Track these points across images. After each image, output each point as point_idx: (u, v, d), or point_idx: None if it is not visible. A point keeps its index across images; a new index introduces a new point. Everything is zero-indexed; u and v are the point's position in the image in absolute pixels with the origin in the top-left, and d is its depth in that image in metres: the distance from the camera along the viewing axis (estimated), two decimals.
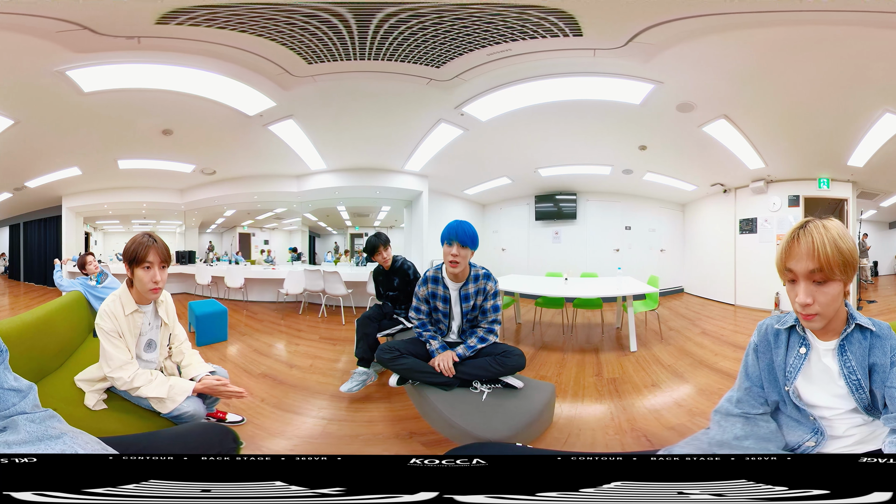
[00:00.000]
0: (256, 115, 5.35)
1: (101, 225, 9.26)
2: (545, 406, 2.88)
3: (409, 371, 2.98)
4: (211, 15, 3.51)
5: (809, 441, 1.41)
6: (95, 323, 2.17)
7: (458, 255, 2.81)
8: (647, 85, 4.70)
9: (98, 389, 2.26)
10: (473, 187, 8.60)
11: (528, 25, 3.73)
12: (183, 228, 9.33)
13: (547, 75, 4.61)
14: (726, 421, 1.52)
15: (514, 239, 9.20)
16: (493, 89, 4.89)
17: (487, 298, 3.01)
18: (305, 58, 4.24)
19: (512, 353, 2.93)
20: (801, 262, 1.24)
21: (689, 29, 3.66)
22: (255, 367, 4.39)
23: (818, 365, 1.39)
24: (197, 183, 8.21)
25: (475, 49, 4.11)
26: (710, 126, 5.56)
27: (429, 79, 4.61)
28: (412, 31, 3.81)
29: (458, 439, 2.58)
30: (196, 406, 2.16)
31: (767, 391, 1.50)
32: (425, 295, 3.11)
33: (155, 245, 2.09)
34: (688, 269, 9.11)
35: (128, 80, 4.51)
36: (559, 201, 8.75)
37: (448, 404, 2.76)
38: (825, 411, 1.40)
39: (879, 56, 3.95)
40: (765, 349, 1.50)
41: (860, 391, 1.32)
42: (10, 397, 1.37)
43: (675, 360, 4.57)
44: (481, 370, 2.90)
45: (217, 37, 3.83)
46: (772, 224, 7.34)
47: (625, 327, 5.42)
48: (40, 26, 3.47)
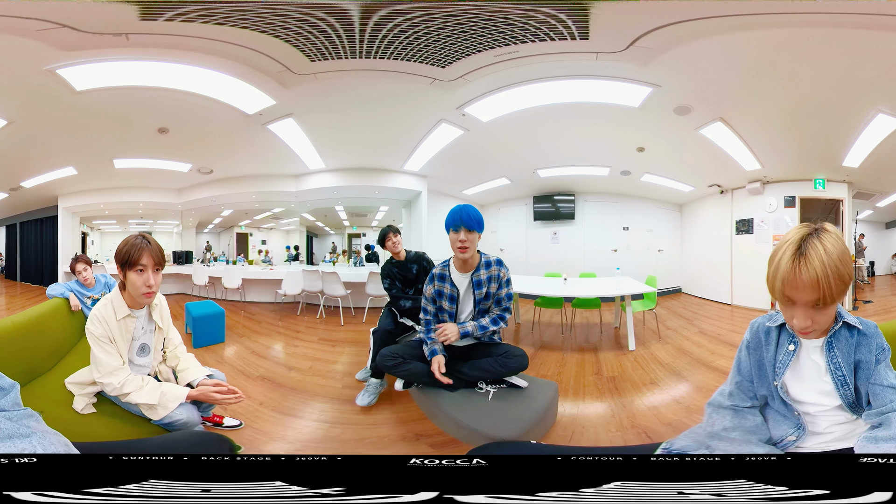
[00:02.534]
0: (256, 113, 5.32)
1: (98, 225, 9.22)
2: (550, 404, 2.93)
3: (414, 375, 2.97)
4: (206, 11, 3.47)
5: (791, 436, 1.46)
6: (86, 328, 2.10)
7: (466, 241, 2.74)
8: (645, 88, 4.73)
9: (88, 393, 2.23)
10: (472, 188, 8.59)
11: (536, 27, 3.74)
12: (180, 228, 9.30)
13: (549, 77, 4.64)
14: (717, 413, 1.61)
15: (513, 239, 9.19)
16: (495, 90, 4.90)
17: (501, 286, 2.96)
18: (309, 55, 4.20)
19: (514, 353, 2.92)
20: (803, 292, 1.20)
21: (686, 32, 3.68)
22: (253, 369, 4.35)
23: (806, 361, 1.44)
24: (194, 182, 8.16)
25: (483, 50, 4.11)
26: (707, 128, 5.59)
27: (433, 78, 4.60)
28: (421, 30, 3.80)
29: (470, 440, 2.59)
30: (189, 413, 2.08)
31: (757, 386, 1.56)
32: (432, 294, 3.01)
33: (148, 247, 2.02)
34: (685, 269, 9.12)
35: (121, 78, 4.45)
36: (557, 202, 8.75)
37: (456, 405, 2.78)
38: (810, 407, 1.44)
39: (871, 56, 3.98)
40: (756, 346, 1.56)
41: (845, 387, 1.36)
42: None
43: (672, 358, 4.62)
44: (484, 371, 2.89)
45: (216, 33, 3.80)
46: (768, 225, 7.35)
47: (623, 327, 5.45)
48: (19, 25, 3.43)
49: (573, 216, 8.76)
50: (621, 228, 8.80)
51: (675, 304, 8.15)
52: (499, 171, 7.96)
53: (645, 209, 8.81)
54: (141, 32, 3.72)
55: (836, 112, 5.03)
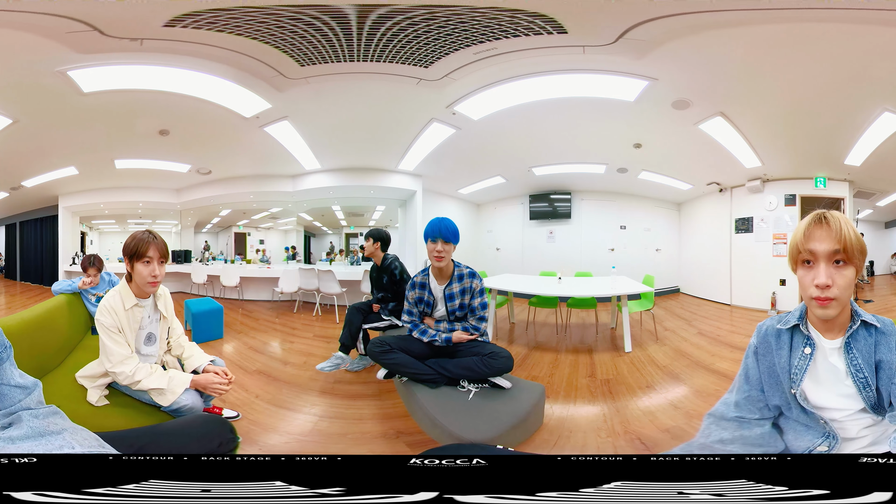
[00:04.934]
0: (252, 116, 5.38)
1: (98, 225, 9.24)
2: (534, 407, 2.87)
3: (398, 366, 3.06)
4: (213, 18, 3.51)
5: (821, 445, 1.37)
6: (95, 318, 2.22)
7: (442, 251, 2.95)
8: (640, 81, 4.63)
9: (99, 385, 2.33)
10: (468, 187, 8.61)
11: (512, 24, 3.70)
12: (179, 228, 9.33)
13: (537, 73, 4.58)
14: (717, 424, 1.49)
15: (509, 238, 9.21)
16: (483, 88, 4.87)
17: (474, 296, 3.10)
18: (297, 60, 4.25)
19: (499, 354, 2.96)
20: (824, 242, 1.23)
21: (685, 25, 3.62)
22: (250, 363, 4.43)
23: (824, 364, 1.35)
24: (193, 183, 8.21)
25: (461, 48, 4.10)
26: (707, 124, 5.50)
27: (418, 79, 4.61)
28: (398, 31, 3.81)
29: (441, 439, 2.57)
30: (194, 399, 2.23)
31: (768, 395, 1.45)
32: (415, 299, 3.21)
33: (154, 241, 2.20)
34: (683, 268, 9.13)
35: (127, 81, 4.53)
36: (554, 201, 8.76)
37: (434, 402, 2.78)
38: (834, 413, 1.35)
39: (881, 54, 3.90)
40: (765, 351, 1.44)
41: (867, 389, 1.29)
42: (16, 394, 1.40)
43: (670, 361, 4.53)
44: (468, 370, 2.94)
45: (216, 40, 3.85)
46: (768, 223, 7.34)
47: (619, 327, 5.41)
48: (51, 26, 3.47)
49: (569, 215, 8.77)
50: (618, 227, 8.82)
51: (672, 304, 8.13)
52: (493, 170, 7.96)
53: (642, 207, 8.83)
54: (154, 38, 3.78)
55: (840, 109, 4.96)
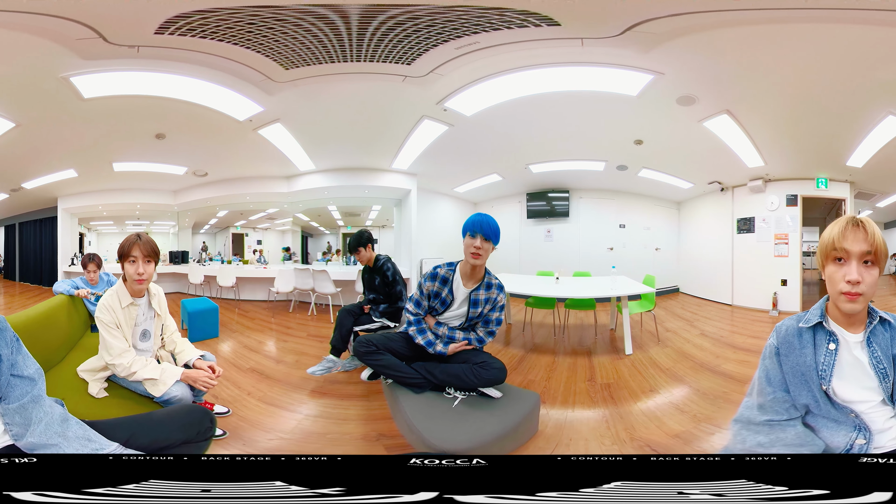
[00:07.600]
0: (246, 120, 5.40)
1: (96, 226, 9.27)
2: (524, 418, 2.71)
3: (383, 368, 2.92)
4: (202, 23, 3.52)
5: (859, 439, 1.39)
6: (95, 316, 2.41)
7: (480, 248, 2.71)
8: (645, 76, 4.43)
9: (99, 378, 2.52)
10: (463, 185, 8.55)
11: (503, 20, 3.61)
12: (176, 229, 9.35)
13: (530, 66, 4.41)
14: (747, 429, 1.49)
15: (506, 237, 9.05)
16: (473, 83, 4.71)
17: (495, 309, 2.93)
18: (281, 63, 4.26)
19: (491, 365, 2.81)
20: (857, 243, 1.31)
21: (695, 22, 3.49)
22: (244, 362, 4.47)
23: (848, 359, 1.39)
24: (189, 184, 8.25)
25: (440, 43, 3.98)
26: (712, 121, 5.36)
27: (403, 76, 4.53)
28: (377, 29, 3.76)
29: (417, 445, 2.45)
30: (183, 391, 2.40)
31: (795, 395, 1.46)
32: (429, 292, 2.93)
33: (138, 242, 2.35)
34: (683, 268, 9.12)
35: (125, 87, 4.57)
36: (552, 199, 8.74)
37: (414, 407, 2.65)
38: (860, 405, 1.39)
39: (888, 57, 3.83)
40: (788, 351, 1.47)
41: (886, 381, 1.35)
42: (25, 385, 1.51)
43: (673, 363, 4.43)
44: (455, 378, 2.80)
45: (206, 46, 3.89)
46: (769, 224, 7.34)
47: (619, 329, 5.33)
48: (61, 31, 3.50)
49: (567, 213, 8.75)
50: (617, 226, 8.79)
51: (673, 304, 8.10)
52: (489, 167, 7.85)
53: (642, 206, 8.81)
54: (150, 45, 3.82)
55: (845, 111, 4.90)
